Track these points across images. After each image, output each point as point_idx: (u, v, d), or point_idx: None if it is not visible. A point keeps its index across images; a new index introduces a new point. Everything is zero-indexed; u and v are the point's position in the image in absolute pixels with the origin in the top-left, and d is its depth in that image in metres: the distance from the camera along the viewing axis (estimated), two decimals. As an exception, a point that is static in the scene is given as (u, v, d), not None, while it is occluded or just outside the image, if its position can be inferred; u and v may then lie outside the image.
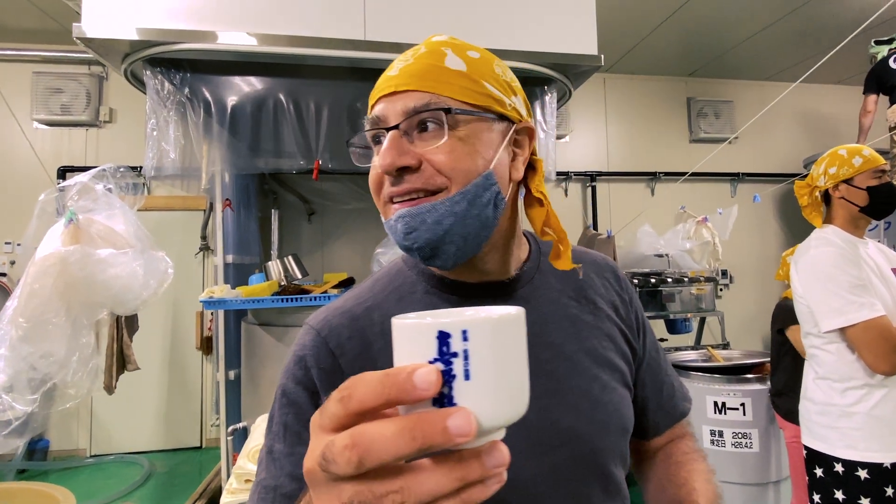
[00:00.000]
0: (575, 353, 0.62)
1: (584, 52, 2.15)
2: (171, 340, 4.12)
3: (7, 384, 1.62)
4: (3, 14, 3.55)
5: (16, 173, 3.90)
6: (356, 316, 0.61)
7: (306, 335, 0.61)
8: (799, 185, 1.69)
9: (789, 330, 2.14)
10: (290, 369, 0.59)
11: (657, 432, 0.74)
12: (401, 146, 0.54)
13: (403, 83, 0.55)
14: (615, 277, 0.73)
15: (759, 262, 4.92)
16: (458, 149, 0.54)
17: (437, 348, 0.30)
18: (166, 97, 1.97)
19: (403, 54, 0.58)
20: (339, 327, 0.60)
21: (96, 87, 4.06)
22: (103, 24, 1.85)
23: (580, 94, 4.67)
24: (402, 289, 0.64)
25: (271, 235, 3.47)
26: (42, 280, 1.65)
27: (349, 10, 2.00)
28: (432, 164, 0.54)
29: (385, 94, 0.56)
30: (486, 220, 0.57)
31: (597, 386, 0.62)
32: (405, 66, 0.56)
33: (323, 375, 0.58)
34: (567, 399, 0.60)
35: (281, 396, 0.59)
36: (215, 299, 2.08)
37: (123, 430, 4.01)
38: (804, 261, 1.56)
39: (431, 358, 0.30)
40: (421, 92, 0.54)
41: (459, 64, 0.56)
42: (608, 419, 0.61)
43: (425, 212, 0.54)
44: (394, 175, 0.55)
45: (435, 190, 0.54)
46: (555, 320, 0.64)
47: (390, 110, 0.55)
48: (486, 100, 0.56)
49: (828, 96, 5.19)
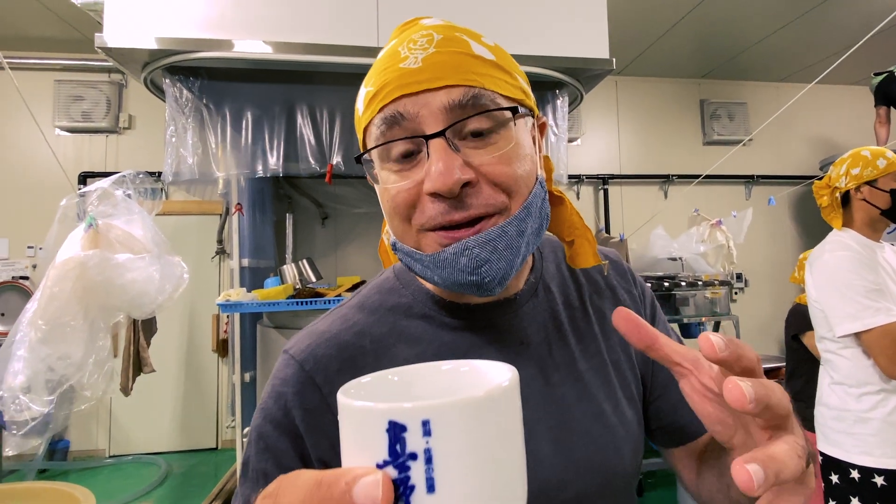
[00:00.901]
0: (585, 372, 0.56)
1: (596, 56, 2.16)
2: (187, 343, 4.18)
3: (25, 385, 1.66)
4: (27, 24, 3.65)
5: (38, 179, 3.99)
6: (345, 344, 0.52)
7: (287, 367, 0.52)
8: (818, 186, 1.67)
9: (805, 336, 2.11)
10: (269, 408, 0.50)
11: (701, 430, 0.60)
12: (453, 158, 0.44)
13: (436, 77, 0.45)
14: (620, 272, 0.65)
15: (774, 265, 4.86)
16: (514, 155, 0.47)
17: (387, 446, 0.22)
18: (184, 104, 2.02)
19: (406, 41, 0.48)
20: (325, 358, 0.51)
21: (116, 94, 4.15)
22: (124, 34, 1.90)
23: (592, 97, 4.65)
24: (396, 310, 0.55)
25: (286, 239, 3.51)
26: (61, 284, 1.69)
27: (362, 18, 2.03)
28: (490, 178, 0.45)
29: (410, 94, 0.45)
30: (541, 230, 0.50)
31: (609, 406, 0.56)
32: (428, 55, 0.46)
33: (308, 417, 0.49)
34: (579, 426, 0.53)
35: (257, 440, 0.50)
36: (232, 302, 2.11)
37: (141, 432, 4.07)
38: (819, 265, 1.54)
39: (381, 460, 0.22)
40: (465, 87, 0.45)
41: (486, 52, 0.48)
42: (621, 443, 0.55)
43: (496, 237, 0.45)
44: (450, 196, 0.44)
45: (494, 211, 0.46)
46: (561, 336, 0.57)
47: (424, 111, 0.45)
48: (519, 93, 0.50)
49: (845, 97, 5.12)
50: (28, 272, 3.98)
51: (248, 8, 1.97)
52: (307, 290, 2.42)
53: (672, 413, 0.61)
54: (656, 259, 3.68)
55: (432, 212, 0.45)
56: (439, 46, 0.46)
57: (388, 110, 0.46)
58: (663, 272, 3.60)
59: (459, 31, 0.49)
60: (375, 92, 0.47)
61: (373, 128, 0.48)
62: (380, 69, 0.48)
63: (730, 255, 3.77)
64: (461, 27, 0.50)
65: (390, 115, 0.46)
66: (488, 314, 0.54)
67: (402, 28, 0.53)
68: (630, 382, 0.59)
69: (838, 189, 1.60)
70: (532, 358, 0.54)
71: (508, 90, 0.48)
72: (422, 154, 0.46)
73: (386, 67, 0.47)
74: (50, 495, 1.68)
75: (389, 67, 0.46)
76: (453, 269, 0.46)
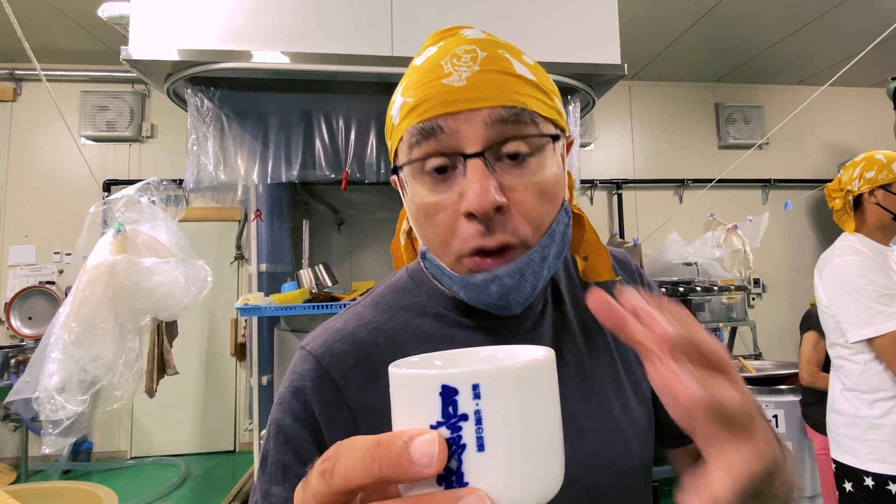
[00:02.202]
0: (593, 370, 0.57)
1: (608, 62, 2.18)
2: (207, 347, 4.26)
3: (60, 385, 1.73)
4: (55, 36, 3.78)
5: (64, 187, 4.12)
6: (360, 340, 0.53)
7: (304, 363, 0.53)
8: (830, 188, 1.66)
9: (805, 335, 2.09)
10: (287, 402, 0.51)
11: None
12: (490, 180, 0.44)
13: (480, 98, 0.45)
14: (627, 271, 0.66)
15: (792, 270, 4.79)
16: (545, 183, 0.47)
17: (440, 408, 0.24)
18: (205, 113, 2.08)
19: (450, 55, 0.48)
20: (341, 354, 0.52)
21: (139, 104, 4.27)
22: (148, 46, 1.97)
23: (605, 102, 4.66)
24: (410, 308, 0.56)
25: (302, 245, 3.57)
26: (92, 287, 1.76)
27: (377, 28, 2.08)
28: (520, 209, 0.46)
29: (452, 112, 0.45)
30: (563, 252, 0.52)
31: (617, 404, 0.56)
32: (473, 73, 0.46)
33: (325, 410, 0.50)
34: (588, 423, 0.54)
35: (276, 433, 0.51)
36: (250, 306, 2.16)
37: (162, 434, 4.16)
38: (829, 270, 1.53)
39: (435, 421, 0.24)
40: (507, 107, 0.46)
41: (527, 72, 0.48)
42: (630, 440, 0.55)
43: (524, 266, 0.47)
44: (483, 218, 0.45)
45: (518, 244, 0.47)
46: (570, 335, 0.58)
47: (465, 132, 0.45)
48: (555, 114, 0.50)
49: (863, 100, 5.05)
50: (54, 277, 4.10)
51: (267, 20, 2.03)
52: (323, 294, 2.47)
53: None
54: (671, 264, 3.66)
55: (466, 234, 0.46)
56: (483, 65, 0.46)
57: (426, 122, 0.46)
58: (678, 277, 3.58)
59: (502, 47, 0.49)
60: (416, 104, 0.47)
61: (407, 136, 0.48)
62: (421, 82, 0.48)
63: (746, 259, 3.74)
64: (503, 42, 0.50)
65: (429, 126, 0.46)
66: (501, 325, 0.55)
67: (441, 36, 0.52)
68: (640, 380, 0.60)
69: (851, 192, 1.60)
70: None
71: (547, 111, 0.49)
72: (457, 171, 0.47)
73: (428, 81, 0.47)
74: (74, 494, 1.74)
75: (431, 82, 0.47)
76: (481, 292, 0.48)
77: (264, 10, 2.03)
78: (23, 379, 1.83)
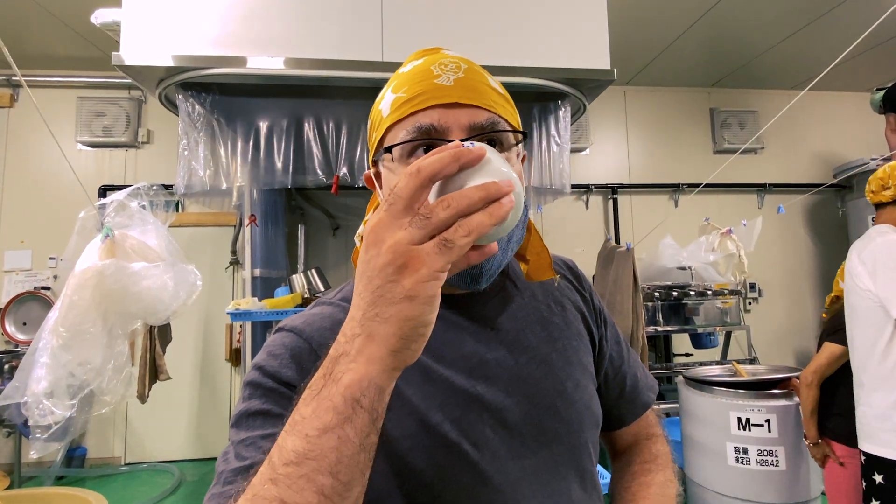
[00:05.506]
0: (548, 354, 0.64)
1: (597, 67, 2.19)
2: (202, 352, 4.25)
3: (48, 390, 1.73)
4: (52, 43, 3.80)
5: (60, 192, 4.12)
6: (338, 320, 0.54)
7: (283, 337, 0.57)
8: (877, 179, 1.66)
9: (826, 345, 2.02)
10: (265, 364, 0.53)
11: (622, 423, 0.77)
12: None
13: (465, 96, 0.54)
14: (574, 275, 0.75)
15: (789, 275, 4.79)
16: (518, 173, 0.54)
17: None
18: (197, 118, 2.09)
19: (437, 63, 0.56)
20: (320, 329, 0.57)
21: (135, 110, 4.28)
22: (141, 52, 1.98)
23: (600, 107, 4.67)
24: None
25: (298, 250, 3.57)
26: (81, 292, 1.76)
27: (368, 34, 2.09)
28: None
29: (443, 104, 0.53)
30: (521, 239, 0.60)
31: (570, 385, 0.64)
32: (459, 78, 0.55)
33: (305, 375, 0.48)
34: (545, 400, 0.61)
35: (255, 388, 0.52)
36: (241, 311, 2.17)
37: (156, 440, 4.14)
38: (871, 249, 1.51)
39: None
40: (484, 110, 0.54)
41: (498, 86, 0.59)
42: (582, 417, 0.63)
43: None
44: None
45: None
46: (529, 325, 0.65)
47: (452, 122, 0.53)
48: (516, 122, 0.59)
49: (858, 105, 5.06)
50: (49, 283, 4.09)
51: (258, 26, 2.04)
52: (315, 298, 2.47)
53: (606, 400, 0.74)
54: (665, 268, 3.66)
55: None
56: (467, 74, 0.56)
57: (421, 119, 0.53)
58: (673, 281, 3.58)
59: (476, 66, 0.58)
60: (408, 98, 0.54)
61: (401, 131, 0.54)
62: (413, 80, 0.55)
63: (741, 263, 3.73)
64: (477, 65, 0.60)
65: (425, 125, 0.53)
66: (465, 303, 0.62)
67: (424, 53, 0.60)
68: (587, 366, 0.69)
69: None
70: (502, 342, 0.62)
71: (513, 120, 0.58)
72: None
73: (420, 80, 0.55)
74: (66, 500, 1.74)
75: (424, 81, 0.55)
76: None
77: (255, 16, 2.05)
78: (12, 384, 1.83)
